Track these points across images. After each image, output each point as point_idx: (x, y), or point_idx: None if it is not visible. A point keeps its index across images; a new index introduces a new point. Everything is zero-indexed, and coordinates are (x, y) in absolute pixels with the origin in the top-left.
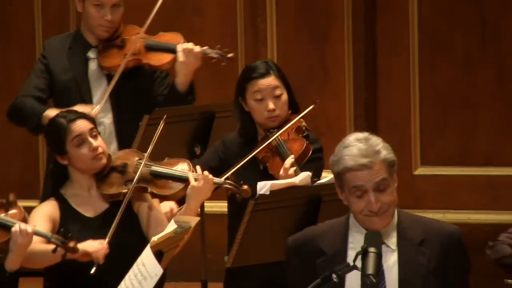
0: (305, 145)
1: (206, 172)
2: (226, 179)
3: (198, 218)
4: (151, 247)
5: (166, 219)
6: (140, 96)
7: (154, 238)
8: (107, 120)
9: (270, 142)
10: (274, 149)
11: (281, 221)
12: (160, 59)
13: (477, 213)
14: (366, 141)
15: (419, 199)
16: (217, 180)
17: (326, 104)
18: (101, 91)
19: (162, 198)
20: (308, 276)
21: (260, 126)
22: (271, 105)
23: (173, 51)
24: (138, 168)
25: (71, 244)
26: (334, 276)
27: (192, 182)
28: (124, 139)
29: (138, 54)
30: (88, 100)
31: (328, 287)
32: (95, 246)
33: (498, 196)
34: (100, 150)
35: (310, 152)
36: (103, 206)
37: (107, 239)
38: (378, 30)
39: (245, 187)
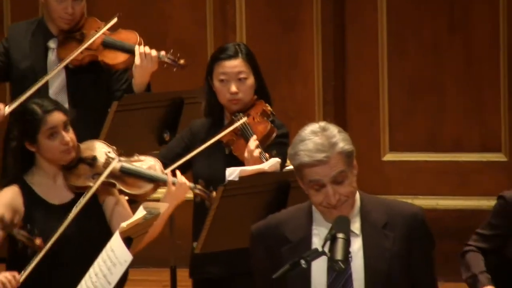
0: (269, 127)
1: (183, 178)
2: (196, 183)
3: (167, 205)
4: (120, 233)
5: (131, 214)
6: (97, 90)
7: (123, 224)
8: None
9: (235, 126)
10: (239, 132)
11: (250, 207)
12: (114, 58)
13: (446, 198)
14: (322, 133)
15: (387, 185)
16: (189, 185)
17: (295, 89)
18: (58, 83)
19: (130, 197)
20: (272, 264)
21: (225, 109)
22: (233, 88)
23: (129, 51)
24: (109, 163)
25: (37, 242)
26: (302, 262)
27: (171, 187)
28: (79, 132)
29: (95, 50)
30: (44, 90)
31: (295, 274)
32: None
33: (466, 181)
34: (71, 144)
35: (274, 134)
36: (68, 195)
37: (22, 277)
38: (347, 15)
39: (215, 194)
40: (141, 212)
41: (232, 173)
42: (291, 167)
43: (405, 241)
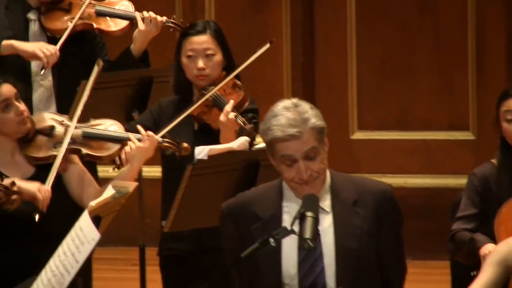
0: (242, 95)
1: (149, 132)
2: (163, 137)
3: (136, 183)
4: (89, 212)
5: (93, 181)
6: (81, 61)
7: (92, 203)
8: (47, 82)
9: (206, 98)
10: (211, 103)
11: (219, 185)
12: (112, 25)
13: (414, 177)
14: (294, 109)
15: (356, 163)
16: (157, 138)
17: (263, 68)
18: None
19: (97, 159)
20: (243, 241)
21: (193, 86)
22: (200, 64)
23: (130, 18)
24: (68, 130)
25: (14, 188)
26: (271, 240)
27: (137, 143)
28: (63, 103)
29: (89, 18)
30: (27, 62)
31: (265, 252)
32: (37, 186)
33: (434, 160)
34: (25, 114)
35: (247, 102)
36: (29, 170)
37: (48, 184)
38: None
39: (185, 145)
40: (110, 191)
41: (201, 152)
42: (260, 145)
43: (375, 218)
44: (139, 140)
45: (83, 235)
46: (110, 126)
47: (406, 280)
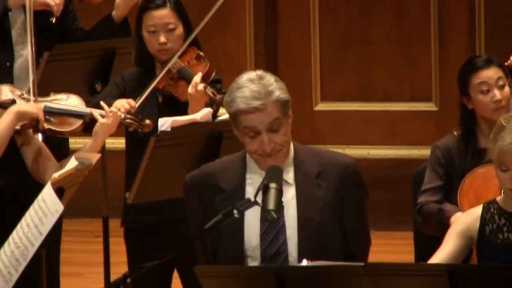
0: (208, 66)
1: (112, 108)
2: (127, 114)
3: (99, 155)
4: (52, 184)
5: (51, 154)
6: (57, 30)
7: (55, 175)
8: (26, 52)
9: (170, 71)
10: (177, 76)
11: (182, 157)
12: None
13: (376, 148)
14: (259, 81)
15: (318, 135)
16: (120, 114)
17: (226, 41)
18: (19, 23)
19: (59, 135)
20: (206, 213)
21: (156, 59)
22: (162, 38)
23: None
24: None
25: None
26: (235, 212)
27: (100, 119)
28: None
29: None
30: (8, 30)
31: (228, 223)
32: None
33: (397, 131)
34: None
35: (214, 73)
36: None
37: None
38: None
39: (147, 121)
40: (73, 163)
41: (164, 123)
42: (223, 117)
43: (338, 191)
44: (102, 116)
45: (46, 207)
46: (72, 101)
47: (370, 251)
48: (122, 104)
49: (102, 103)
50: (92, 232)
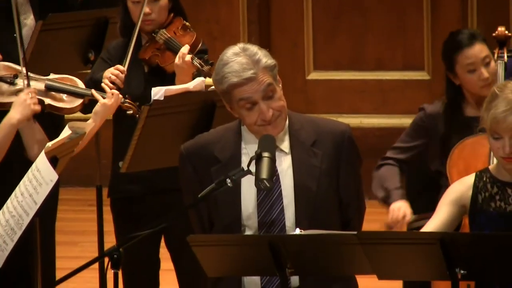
0: (195, 36)
1: (114, 90)
2: (125, 98)
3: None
4: (46, 153)
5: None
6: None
7: (49, 144)
8: (30, 21)
9: (157, 41)
10: (163, 46)
11: (175, 126)
12: None
13: (369, 117)
14: (244, 53)
15: (312, 104)
16: (122, 98)
17: (219, 9)
18: None
19: (58, 111)
20: (202, 183)
21: (141, 29)
22: (146, 9)
23: None
24: (29, 81)
25: None
26: (228, 181)
27: (101, 100)
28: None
29: None
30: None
31: (224, 193)
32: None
33: (389, 100)
34: None
35: (200, 43)
36: None
37: None
38: None
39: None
40: (66, 132)
41: (157, 92)
42: (192, 83)
43: (333, 159)
44: (102, 97)
45: (40, 176)
46: (72, 81)
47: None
48: (111, 72)
49: (103, 84)
50: (86, 201)
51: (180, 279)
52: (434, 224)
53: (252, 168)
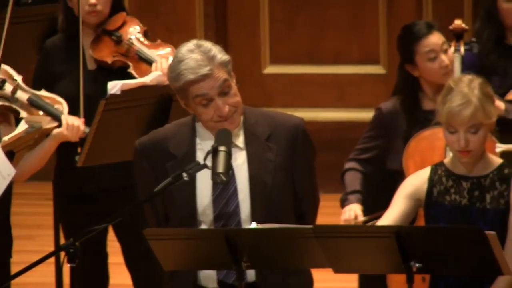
0: (169, 46)
1: (80, 124)
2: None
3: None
4: (2, 147)
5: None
6: None
7: (5, 138)
8: None
9: (120, 46)
10: (136, 56)
11: (132, 120)
12: None
13: (326, 111)
14: (198, 49)
15: (268, 97)
16: (85, 130)
17: (176, 3)
18: None
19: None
20: (157, 179)
21: (85, 25)
22: (92, 0)
23: None
24: (16, 89)
25: None
26: (184, 175)
27: (62, 130)
28: None
29: None
30: None
31: (180, 188)
32: None
33: (346, 94)
34: None
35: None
36: None
37: None
38: None
39: None
40: (22, 126)
41: (114, 86)
42: (149, 77)
43: (288, 153)
44: (68, 125)
45: None
46: (57, 101)
47: (318, 213)
48: (74, 126)
49: (63, 117)
50: (43, 195)
51: (132, 272)
52: (389, 217)
53: (209, 162)
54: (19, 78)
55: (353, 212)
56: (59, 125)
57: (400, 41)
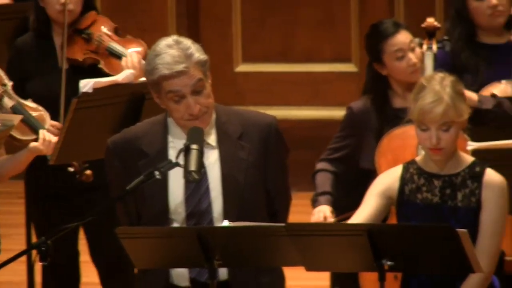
0: (141, 43)
1: (56, 140)
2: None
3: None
4: None
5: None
6: None
7: None
8: None
9: (91, 43)
10: (106, 52)
11: (105, 118)
12: None
13: (299, 109)
14: (177, 46)
15: (241, 96)
16: None
17: (149, 2)
18: None
19: (9, 137)
20: (129, 177)
21: (54, 22)
22: None
23: None
24: (3, 96)
25: None
26: (156, 173)
27: (38, 145)
28: None
29: None
30: None
31: (152, 186)
32: None
33: (318, 92)
34: None
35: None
36: None
37: None
38: None
39: (88, 172)
40: None
41: (86, 84)
42: (121, 76)
43: (261, 151)
44: (44, 140)
45: None
46: (40, 114)
47: (291, 211)
48: (50, 142)
49: (41, 131)
50: (16, 194)
51: (100, 271)
52: (361, 215)
53: (181, 160)
54: (9, 84)
55: (322, 213)
56: (37, 139)
57: (368, 40)
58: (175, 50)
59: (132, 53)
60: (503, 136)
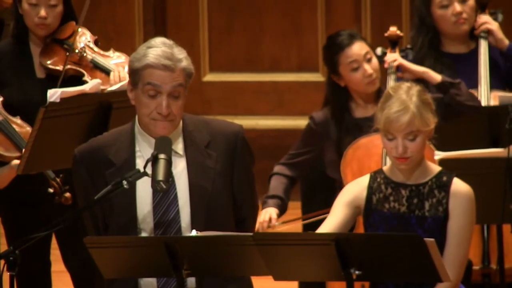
0: (123, 56)
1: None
2: (56, 176)
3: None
4: None
5: None
6: None
7: None
8: None
9: (80, 57)
10: (91, 65)
11: (72, 128)
12: None
13: (265, 118)
14: (172, 47)
15: (207, 105)
16: (49, 174)
17: (114, 9)
18: None
19: None
20: (96, 186)
21: (33, 33)
22: (42, 12)
23: None
24: None
25: None
26: (124, 182)
27: (13, 164)
28: None
29: None
30: None
31: (119, 195)
32: None
33: (284, 101)
34: None
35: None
36: None
37: None
38: None
39: (68, 195)
40: None
41: (54, 94)
42: (113, 87)
43: (227, 159)
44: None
45: None
46: (26, 131)
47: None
48: None
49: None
50: None
51: (73, 277)
52: (329, 225)
53: (149, 170)
54: None
55: (268, 214)
56: (20, 157)
57: (325, 52)
58: (168, 48)
59: (118, 67)
60: (469, 146)
